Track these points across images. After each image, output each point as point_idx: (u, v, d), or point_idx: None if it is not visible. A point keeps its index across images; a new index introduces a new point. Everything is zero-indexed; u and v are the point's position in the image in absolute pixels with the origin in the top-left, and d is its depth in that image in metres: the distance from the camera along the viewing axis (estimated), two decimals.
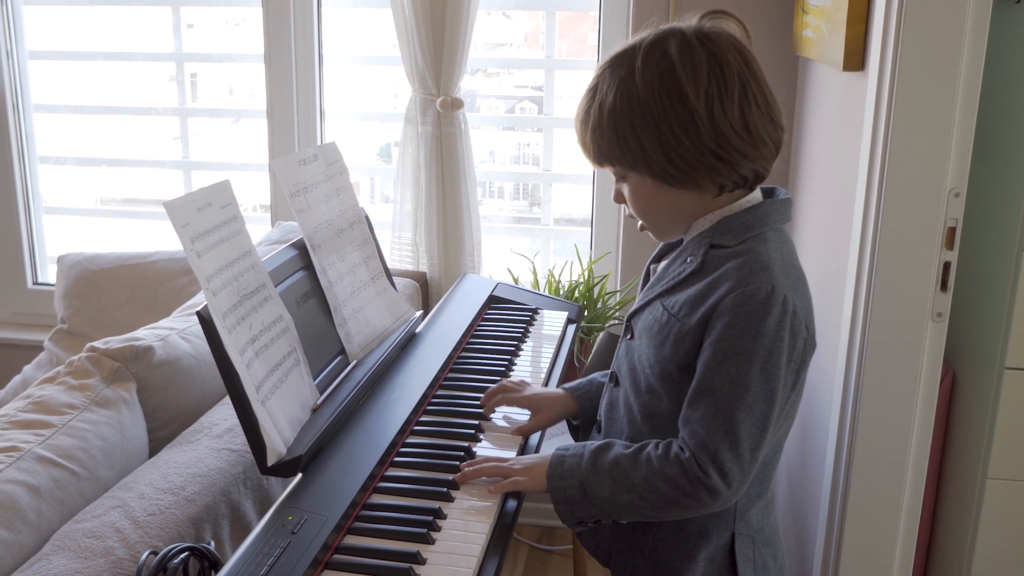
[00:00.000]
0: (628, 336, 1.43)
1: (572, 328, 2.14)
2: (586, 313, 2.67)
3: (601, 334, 2.53)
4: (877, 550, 1.83)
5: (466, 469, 1.40)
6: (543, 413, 1.61)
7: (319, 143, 2.98)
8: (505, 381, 1.68)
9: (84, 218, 3.47)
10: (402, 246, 2.81)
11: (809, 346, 1.30)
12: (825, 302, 2.02)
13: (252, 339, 1.39)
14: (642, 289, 1.45)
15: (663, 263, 1.42)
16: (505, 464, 1.39)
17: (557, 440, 2.31)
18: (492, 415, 1.63)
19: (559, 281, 2.71)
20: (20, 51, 3.12)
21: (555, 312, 2.19)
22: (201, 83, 3.45)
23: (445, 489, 1.37)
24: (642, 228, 1.41)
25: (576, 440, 1.64)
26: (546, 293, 2.67)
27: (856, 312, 1.79)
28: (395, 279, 2.56)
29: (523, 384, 1.67)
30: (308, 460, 1.38)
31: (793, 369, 1.27)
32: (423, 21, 2.53)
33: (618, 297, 2.72)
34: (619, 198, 1.39)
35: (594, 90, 1.32)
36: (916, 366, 1.75)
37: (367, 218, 1.90)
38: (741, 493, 1.28)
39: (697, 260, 1.32)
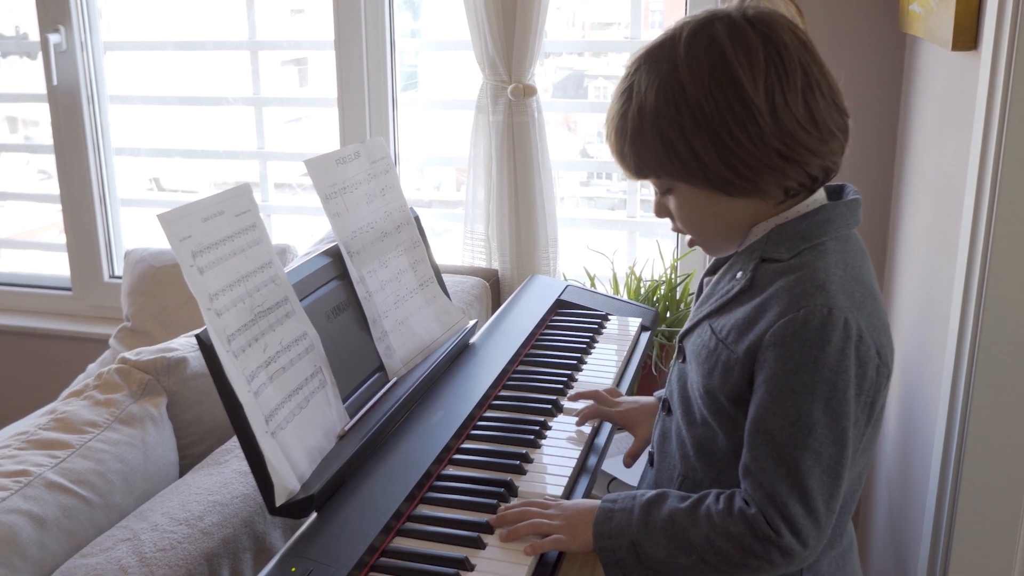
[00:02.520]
0: (680, 359, 1.26)
1: (645, 336, 1.96)
2: (668, 315, 2.48)
3: None
4: None
5: (502, 529, 1.23)
6: (643, 428, 1.48)
7: (391, 132, 2.85)
8: (598, 390, 1.57)
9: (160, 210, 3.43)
10: (475, 241, 2.66)
11: (883, 374, 1.11)
12: (929, 310, 1.78)
13: (266, 362, 1.25)
14: (695, 305, 1.28)
15: (715, 276, 1.24)
16: (545, 519, 1.21)
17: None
18: (547, 433, 1.51)
19: (640, 279, 2.52)
20: (95, 42, 3.08)
21: (627, 318, 2.00)
22: (312, 71, 3.37)
23: (476, 534, 1.21)
24: (691, 243, 1.23)
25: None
26: (623, 296, 2.49)
27: (965, 324, 1.55)
28: (463, 277, 2.42)
29: (615, 394, 1.57)
30: (324, 498, 1.24)
31: (865, 403, 1.09)
32: (493, 4, 2.37)
33: None
34: (662, 212, 1.21)
35: (628, 92, 1.13)
36: None
37: (417, 219, 1.75)
38: (819, 551, 1.10)
39: (746, 276, 1.15)
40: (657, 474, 1.31)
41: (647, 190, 2.96)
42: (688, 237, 1.22)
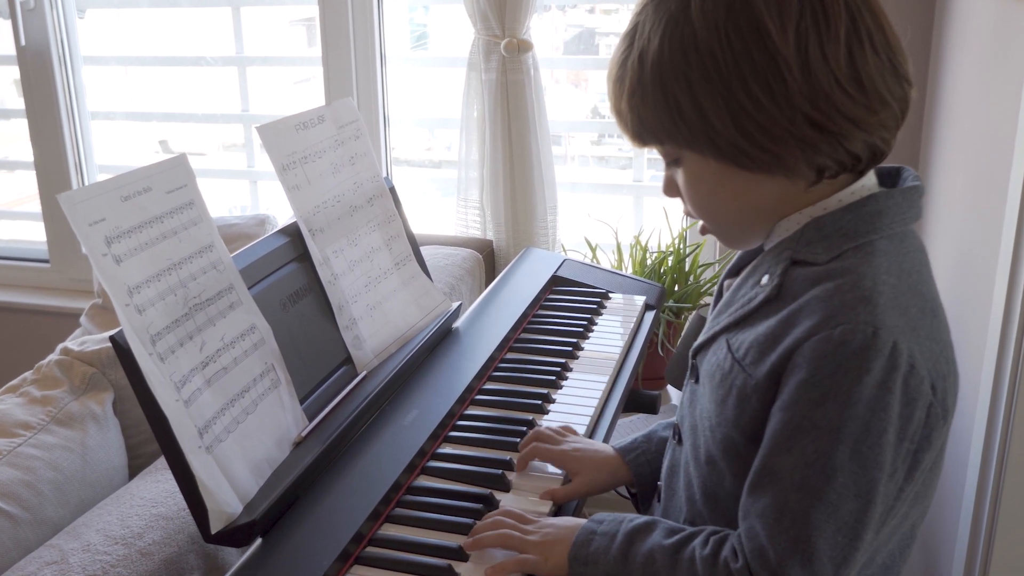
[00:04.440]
0: (692, 379, 1.04)
1: (650, 316, 1.78)
2: (676, 289, 2.29)
3: (692, 315, 2.16)
4: None
5: (474, 537, 1.06)
6: (584, 476, 1.20)
7: (380, 92, 2.66)
8: (541, 429, 1.28)
9: None
10: (468, 209, 2.47)
11: (936, 415, 0.89)
12: (967, 296, 1.60)
13: (203, 363, 1.08)
14: (711, 313, 1.07)
15: (737, 280, 1.03)
16: (519, 534, 1.03)
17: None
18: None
19: (646, 249, 2.34)
20: (65, 1, 2.88)
21: (630, 296, 1.82)
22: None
23: (448, 563, 1.04)
24: (704, 231, 1.02)
25: (638, 510, 1.26)
26: (627, 269, 2.30)
27: (1011, 310, 1.37)
28: (455, 249, 2.24)
29: (563, 433, 1.28)
30: (271, 521, 1.07)
31: (908, 450, 0.88)
32: None
33: (715, 269, 2.33)
34: (671, 189, 1.00)
35: (632, 35, 0.93)
36: None
37: (393, 190, 1.57)
38: None
39: (773, 283, 0.94)
40: (663, 513, 1.12)
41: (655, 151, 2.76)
42: (701, 223, 1.01)
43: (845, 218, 0.93)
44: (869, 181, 0.96)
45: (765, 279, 0.96)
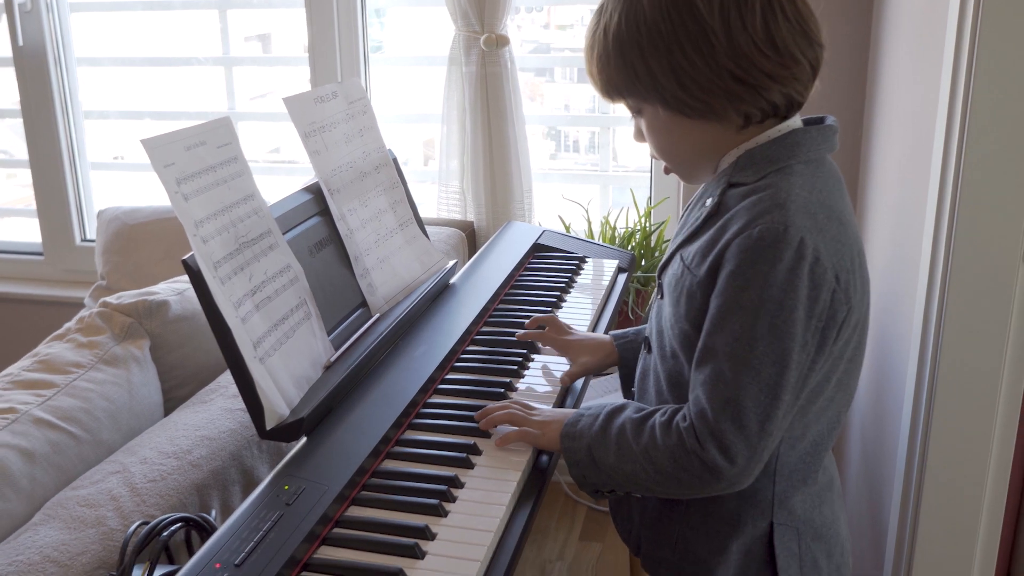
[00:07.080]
0: (659, 295, 1.26)
1: (623, 277, 1.98)
2: (643, 263, 2.50)
3: None
4: (955, 551, 1.65)
5: (484, 417, 1.30)
6: (582, 359, 1.50)
7: (364, 88, 2.84)
8: (556, 315, 1.60)
9: (132, 173, 3.40)
10: (449, 194, 2.67)
11: (840, 299, 1.08)
12: (900, 247, 1.82)
13: (252, 290, 1.26)
14: (672, 239, 1.29)
15: (688, 207, 1.26)
16: (522, 413, 1.28)
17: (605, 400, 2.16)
18: (530, 364, 1.53)
19: (614, 228, 2.55)
20: (61, 2, 3.04)
21: (604, 260, 2.03)
22: (276, 44, 3.34)
23: (465, 455, 1.24)
24: (667, 170, 1.24)
25: (625, 394, 1.50)
26: (599, 241, 2.50)
27: (936, 257, 1.59)
28: (440, 228, 2.43)
29: (570, 330, 1.57)
30: (313, 423, 1.25)
31: (816, 327, 1.07)
32: None
33: None
34: (639, 136, 1.23)
35: (599, 13, 1.16)
36: (1004, 317, 1.55)
37: (395, 161, 1.76)
38: (754, 473, 1.09)
39: (714, 202, 1.15)
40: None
41: (617, 161, 2.98)
42: (664, 164, 1.23)
43: (770, 148, 1.13)
44: (793, 121, 1.16)
45: (708, 201, 1.16)
